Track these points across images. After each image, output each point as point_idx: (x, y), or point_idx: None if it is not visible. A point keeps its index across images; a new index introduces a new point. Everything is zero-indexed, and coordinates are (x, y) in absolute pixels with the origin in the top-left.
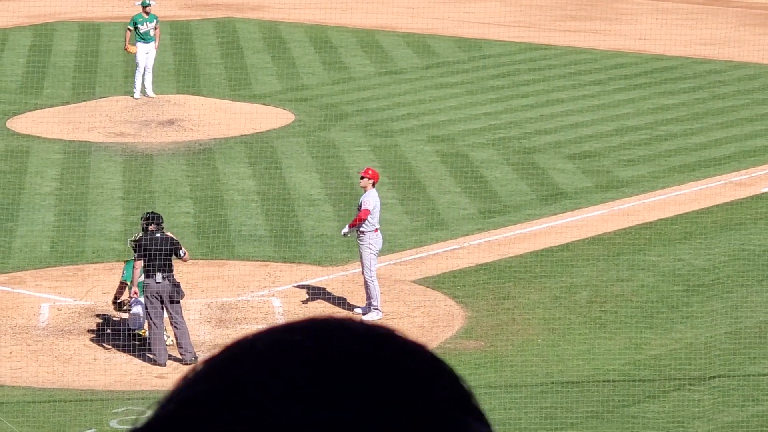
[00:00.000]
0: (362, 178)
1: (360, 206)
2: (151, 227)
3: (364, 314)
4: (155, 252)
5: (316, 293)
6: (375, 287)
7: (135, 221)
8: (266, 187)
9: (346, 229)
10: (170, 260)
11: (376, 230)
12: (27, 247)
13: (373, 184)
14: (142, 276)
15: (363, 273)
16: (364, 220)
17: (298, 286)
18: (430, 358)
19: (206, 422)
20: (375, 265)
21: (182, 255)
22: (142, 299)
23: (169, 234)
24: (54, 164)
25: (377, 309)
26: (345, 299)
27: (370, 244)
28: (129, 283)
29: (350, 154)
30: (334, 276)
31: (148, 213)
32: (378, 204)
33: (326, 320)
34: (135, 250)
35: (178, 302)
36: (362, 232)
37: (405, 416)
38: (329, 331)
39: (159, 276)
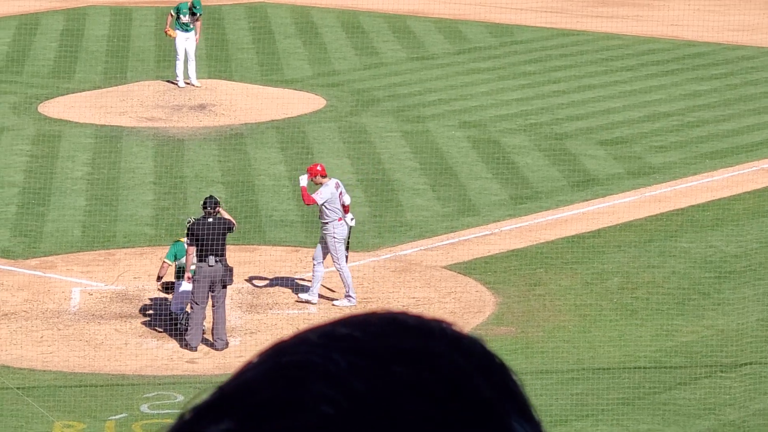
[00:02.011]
0: (311, 178)
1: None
2: (205, 212)
3: (348, 304)
4: (206, 237)
5: None
6: (346, 275)
7: (166, 206)
8: (297, 173)
9: (304, 178)
10: (223, 244)
11: (339, 219)
12: (58, 232)
13: (322, 177)
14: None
15: (333, 263)
16: (305, 201)
17: (329, 272)
18: (481, 354)
19: (250, 407)
20: (343, 252)
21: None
22: (185, 286)
23: (224, 216)
24: (85, 149)
25: (350, 296)
26: (376, 284)
27: (334, 233)
28: (169, 263)
29: (381, 139)
30: (364, 261)
31: (206, 197)
32: (333, 196)
33: (381, 314)
34: (187, 236)
35: (226, 287)
36: (325, 223)
37: (445, 413)
38: (380, 323)
39: (212, 259)
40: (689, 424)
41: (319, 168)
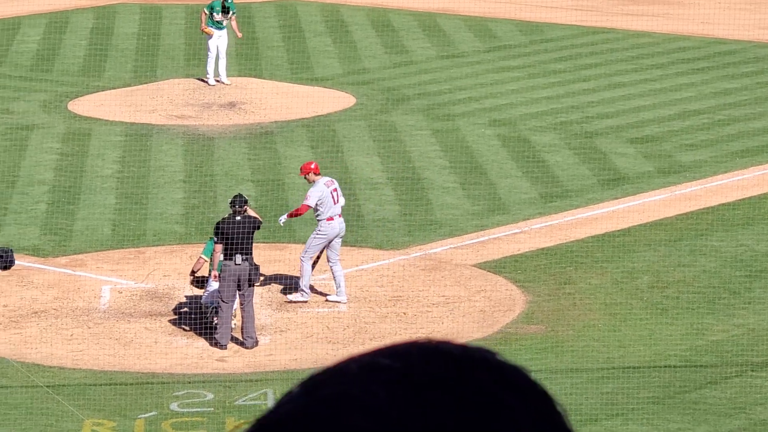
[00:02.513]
0: (303, 176)
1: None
2: (233, 210)
3: (301, 299)
4: (233, 235)
5: (377, 277)
6: (306, 271)
7: (196, 204)
8: (327, 171)
9: (283, 218)
10: (250, 242)
11: (329, 219)
12: (88, 230)
13: (315, 174)
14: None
15: (301, 255)
16: (302, 214)
17: (359, 270)
18: (525, 384)
19: None
20: (315, 250)
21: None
22: (215, 283)
23: (251, 214)
24: (115, 146)
25: (303, 291)
26: (405, 282)
27: (318, 230)
28: (205, 259)
29: (411, 137)
30: (395, 260)
31: (234, 195)
32: (325, 195)
33: (423, 343)
34: (215, 234)
35: (254, 285)
36: (317, 221)
37: None
38: (422, 354)
39: (239, 258)
40: (719, 423)
41: (312, 166)
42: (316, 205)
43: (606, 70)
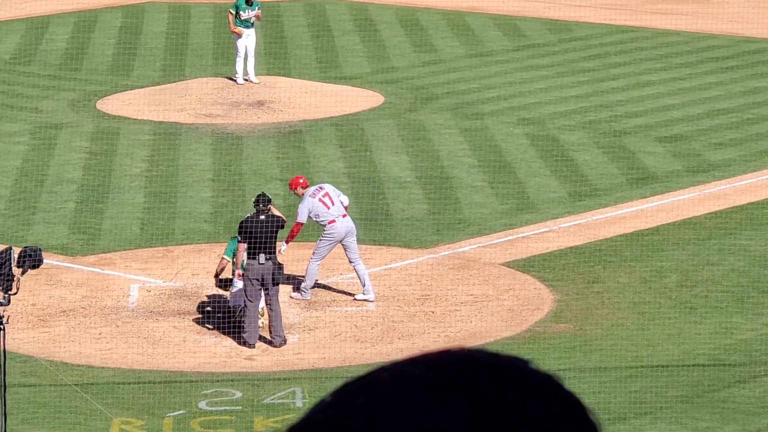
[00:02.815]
0: (292, 190)
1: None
2: (257, 209)
3: (300, 297)
4: (257, 234)
5: (405, 276)
6: (312, 271)
7: (224, 203)
8: (356, 169)
9: (284, 246)
10: (274, 241)
11: (330, 222)
12: (116, 229)
13: (303, 188)
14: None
15: (311, 255)
16: (297, 233)
17: (387, 269)
18: (557, 393)
19: None
20: (323, 252)
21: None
22: (239, 283)
23: (276, 213)
24: (143, 145)
25: (304, 291)
26: (434, 281)
27: (324, 234)
28: (228, 260)
29: (440, 136)
30: (423, 258)
31: (258, 194)
32: (314, 206)
33: (457, 352)
34: (239, 232)
35: (278, 284)
36: (321, 226)
37: None
38: (455, 363)
39: (262, 257)
40: (748, 422)
41: (300, 180)
42: (314, 214)
43: (634, 68)
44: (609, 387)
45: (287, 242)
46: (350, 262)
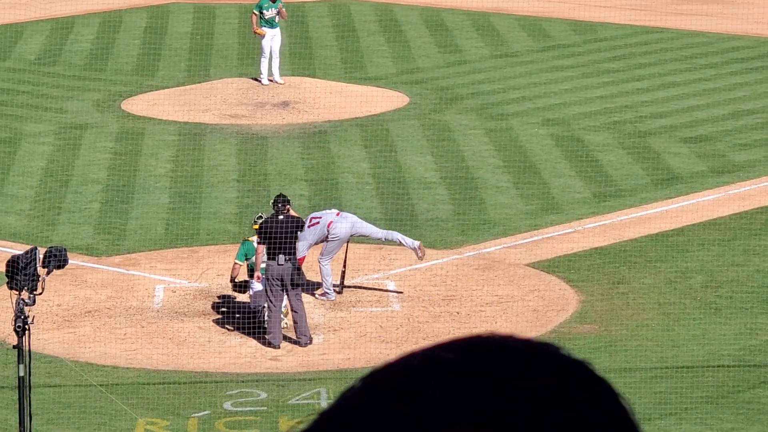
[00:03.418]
0: None
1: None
2: (275, 210)
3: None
4: (276, 235)
5: (430, 276)
6: (326, 270)
7: (249, 203)
8: (380, 170)
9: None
10: (293, 243)
11: (329, 224)
12: (141, 229)
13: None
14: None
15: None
16: (303, 260)
17: (413, 269)
18: (589, 379)
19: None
20: (331, 252)
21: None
22: (258, 284)
23: (294, 215)
24: (168, 146)
25: (328, 291)
26: (459, 282)
27: (330, 236)
28: (240, 264)
29: (464, 136)
30: (448, 259)
31: (276, 195)
32: (309, 233)
33: (487, 337)
34: (258, 234)
35: (299, 286)
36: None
37: None
38: (485, 348)
39: (281, 258)
40: None
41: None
42: (317, 239)
43: (659, 69)
44: (634, 388)
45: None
46: (320, 256)
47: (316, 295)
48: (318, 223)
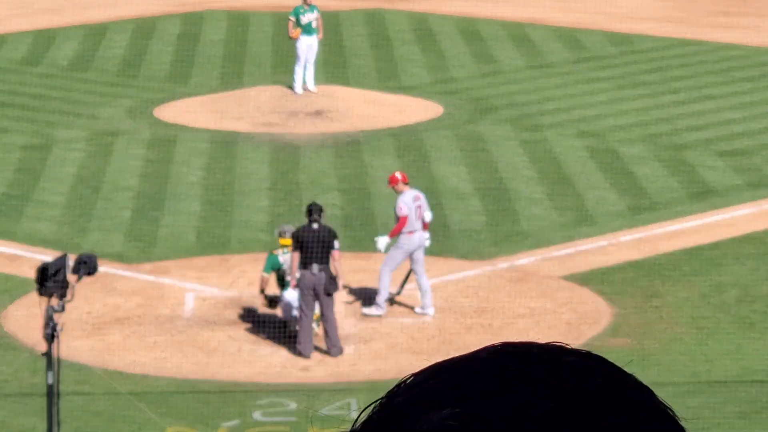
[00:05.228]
0: (391, 186)
1: (396, 213)
2: (310, 219)
3: (377, 312)
4: (311, 244)
5: (462, 288)
6: (384, 283)
7: (281, 212)
8: (413, 180)
9: (384, 242)
10: (327, 252)
11: (410, 233)
12: (172, 237)
13: (404, 184)
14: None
15: (381, 265)
16: (402, 227)
17: (444, 281)
18: (638, 393)
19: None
20: (395, 262)
21: (335, 249)
22: (288, 295)
23: (328, 226)
24: (200, 153)
25: (379, 305)
26: (491, 293)
27: (399, 243)
28: (267, 276)
29: (499, 147)
30: (481, 271)
31: (310, 204)
32: (412, 207)
33: (530, 345)
34: (292, 240)
35: (332, 295)
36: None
37: None
38: (542, 355)
39: (315, 267)
40: None
41: (399, 176)
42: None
43: (696, 82)
44: (666, 402)
45: (391, 236)
46: (415, 274)
47: (364, 312)
48: (417, 211)
